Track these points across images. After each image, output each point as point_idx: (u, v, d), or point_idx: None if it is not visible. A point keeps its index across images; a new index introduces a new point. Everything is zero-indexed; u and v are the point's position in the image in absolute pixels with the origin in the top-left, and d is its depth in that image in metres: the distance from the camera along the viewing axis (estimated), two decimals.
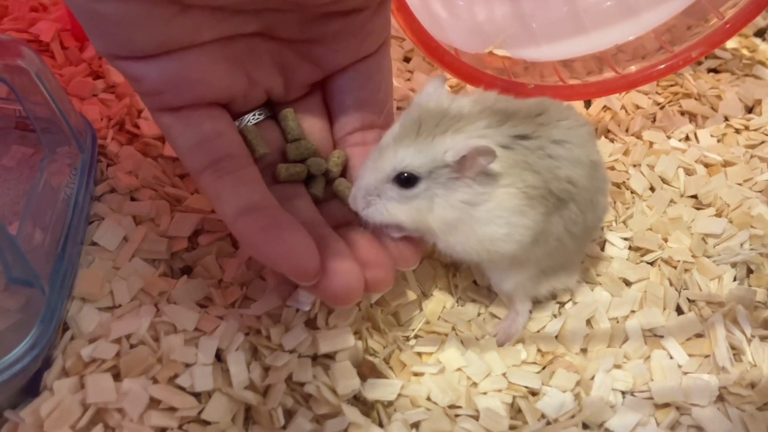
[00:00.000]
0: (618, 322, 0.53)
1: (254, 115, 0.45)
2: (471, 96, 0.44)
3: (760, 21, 0.81)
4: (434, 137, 0.41)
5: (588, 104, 0.71)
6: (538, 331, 0.52)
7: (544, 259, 0.47)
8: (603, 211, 0.49)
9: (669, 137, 0.68)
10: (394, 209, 0.42)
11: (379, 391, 0.46)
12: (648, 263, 0.57)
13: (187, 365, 0.45)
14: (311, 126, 0.46)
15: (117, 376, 0.45)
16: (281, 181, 0.44)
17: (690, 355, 0.51)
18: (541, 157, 0.43)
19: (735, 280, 0.56)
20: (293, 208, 0.42)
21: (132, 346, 0.46)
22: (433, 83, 0.44)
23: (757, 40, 0.79)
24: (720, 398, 0.48)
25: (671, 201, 0.62)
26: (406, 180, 0.41)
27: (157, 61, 0.38)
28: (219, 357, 0.47)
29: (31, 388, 0.44)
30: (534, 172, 0.42)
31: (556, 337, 0.52)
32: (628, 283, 0.55)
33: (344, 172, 0.47)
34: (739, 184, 0.63)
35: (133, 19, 0.35)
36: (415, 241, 0.44)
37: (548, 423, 0.46)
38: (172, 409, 0.43)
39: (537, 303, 0.53)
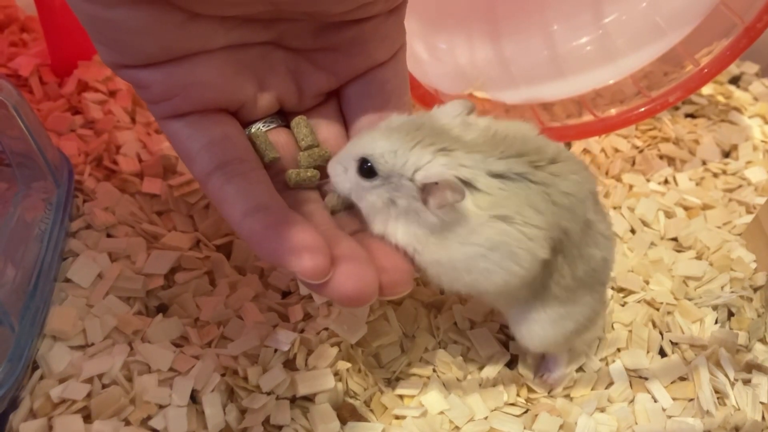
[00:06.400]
0: (604, 362, 0.52)
1: (265, 122, 0.44)
2: (495, 123, 0.42)
3: (734, 69, 0.83)
4: (416, 145, 0.38)
5: (568, 147, 0.71)
6: (521, 374, 0.51)
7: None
8: (600, 264, 0.46)
9: (648, 180, 0.69)
10: (353, 191, 0.40)
11: None
12: (632, 304, 0.56)
13: (161, 407, 0.44)
14: (327, 134, 0.45)
15: (87, 418, 0.43)
16: (293, 188, 0.42)
17: (674, 399, 0.50)
18: (546, 201, 0.41)
19: (717, 322, 0.56)
20: (304, 212, 0.40)
21: (104, 387, 0.45)
22: (458, 104, 0.41)
23: (732, 87, 0.81)
24: None
25: (652, 243, 0.62)
26: (366, 169, 0.39)
27: (164, 67, 0.38)
28: (194, 398, 0.45)
29: None
30: (537, 212, 0.40)
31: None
32: (612, 325, 0.55)
33: None
34: (719, 227, 0.63)
35: (141, 26, 0.35)
36: None
37: None
38: None
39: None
